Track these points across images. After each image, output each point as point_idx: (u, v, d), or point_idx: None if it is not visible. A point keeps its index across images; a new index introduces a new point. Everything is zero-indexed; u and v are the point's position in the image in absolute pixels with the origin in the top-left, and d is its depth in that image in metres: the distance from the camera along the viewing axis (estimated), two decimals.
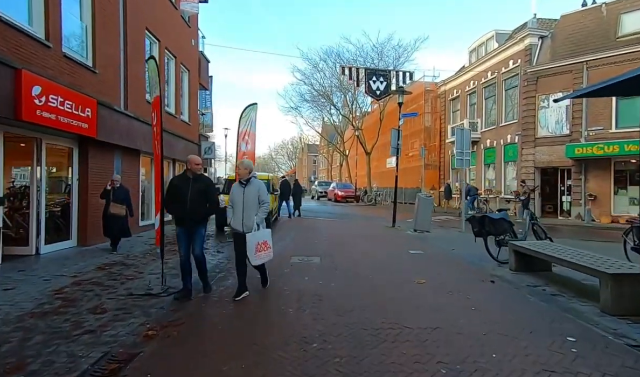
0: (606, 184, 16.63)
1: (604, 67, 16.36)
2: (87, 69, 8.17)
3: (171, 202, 5.04)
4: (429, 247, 9.01)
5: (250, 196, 4.82)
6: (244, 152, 10.93)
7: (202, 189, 4.88)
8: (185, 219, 4.85)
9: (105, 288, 5.29)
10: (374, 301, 4.75)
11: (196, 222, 4.88)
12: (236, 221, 4.87)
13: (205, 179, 5.14)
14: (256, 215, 4.79)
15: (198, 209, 4.85)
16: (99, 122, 8.13)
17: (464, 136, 12.15)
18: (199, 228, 4.94)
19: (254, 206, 4.81)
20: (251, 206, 4.80)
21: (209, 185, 5.03)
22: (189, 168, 4.94)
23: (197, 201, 4.83)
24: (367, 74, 18.05)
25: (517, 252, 6.36)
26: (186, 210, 4.79)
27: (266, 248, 4.92)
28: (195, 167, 4.92)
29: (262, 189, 4.88)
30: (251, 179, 4.91)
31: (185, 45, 14.76)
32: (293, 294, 5.10)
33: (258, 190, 4.86)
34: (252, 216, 4.76)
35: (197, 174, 4.95)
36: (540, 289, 5.35)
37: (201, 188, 4.87)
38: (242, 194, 4.85)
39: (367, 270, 6.55)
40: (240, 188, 4.90)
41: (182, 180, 4.93)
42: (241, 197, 4.84)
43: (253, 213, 4.79)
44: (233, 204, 4.92)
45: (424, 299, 4.86)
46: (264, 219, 5.00)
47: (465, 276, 6.22)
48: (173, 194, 4.95)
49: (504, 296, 5.01)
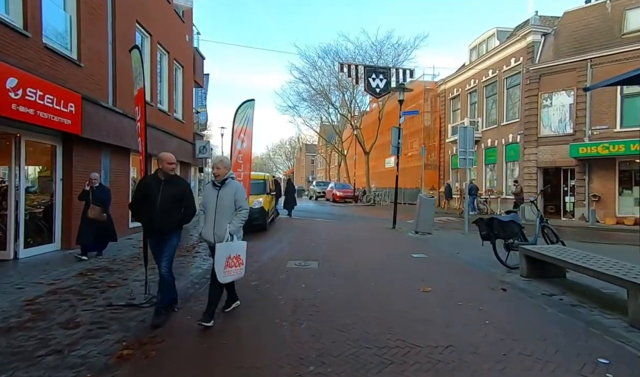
0: (611, 185, 16.25)
1: (609, 64, 15.98)
2: (71, 62, 7.71)
3: (138, 207, 4.30)
4: (432, 251, 8.60)
5: (225, 200, 4.05)
6: (240, 151, 10.48)
7: (176, 193, 4.18)
8: (154, 228, 4.16)
9: (83, 298, 4.84)
10: (377, 313, 4.31)
11: (166, 231, 4.17)
12: (207, 230, 4.10)
13: (180, 182, 4.40)
14: (230, 223, 4.02)
15: (169, 217, 4.13)
16: (83, 119, 7.67)
17: (466, 134, 11.73)
18: (169, 239, 4.19)
19: (228, 212, 4.05)
20: (225, 212, 4.04)
21: (184, 190, 4.30)
22: (160, 167, 4.22)
23: (168, 208, 4.12)
24: (366, 72, 17.67)
25: (529, 258, 5.94)
26: (154, 217, 4.10)
27: (238, 264, 4.06)
28: (167, 167, 4.19)
29: (239, 193, 4.11)
30: (227, 180, 4.12)
31: (178, 41, 14.29)
32: (288, 304, 4.67)
33: (235, 193, 4.08)
34: (225, 224, 4.01)
35: (170, 175, 4.23)
36: (557, 298, 4.93)
37: (174, 192, 4.17)
38: (215, 197, 4.09)
39: (368, 276, 6.12)
40: (213, 190, 4.13)
41: (153, 182, 4.22)
42: (214, 201, 4.08)
43: (227, 221, 4.03)
44: (205, 209, 4.16)
45: (431, 310, 4.43)
46: (241, 228, 4.17)
47: (474, 283, 5.79)
48: (141, 197, 4.22)
49: (519, 307, 4.58)
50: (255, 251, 8.67)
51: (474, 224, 7.39)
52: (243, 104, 10.47)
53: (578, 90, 16.84)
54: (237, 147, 10.47)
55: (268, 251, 8.56)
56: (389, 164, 33.50)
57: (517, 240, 6.74)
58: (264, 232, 11.54)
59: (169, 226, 4.16)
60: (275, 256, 7.94)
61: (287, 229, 12.83)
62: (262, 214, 11.68)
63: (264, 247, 9.12)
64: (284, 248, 8.92)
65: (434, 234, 11.31)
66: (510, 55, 20.01)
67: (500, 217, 6.81)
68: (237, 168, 10.30)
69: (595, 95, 16.40)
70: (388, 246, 9.48)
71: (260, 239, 10.33)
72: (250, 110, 10.66)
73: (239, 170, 10.31)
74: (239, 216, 4.08)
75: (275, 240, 10.23)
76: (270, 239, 10.37)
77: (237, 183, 4.22)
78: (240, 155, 10.43)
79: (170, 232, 4.21)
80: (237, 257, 4.05)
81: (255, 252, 8.41)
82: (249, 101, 10.71)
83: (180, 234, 4.38)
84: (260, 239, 10.33)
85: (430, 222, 11.58)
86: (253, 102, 10.81)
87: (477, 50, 24.05)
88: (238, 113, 10.29)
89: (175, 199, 4.19)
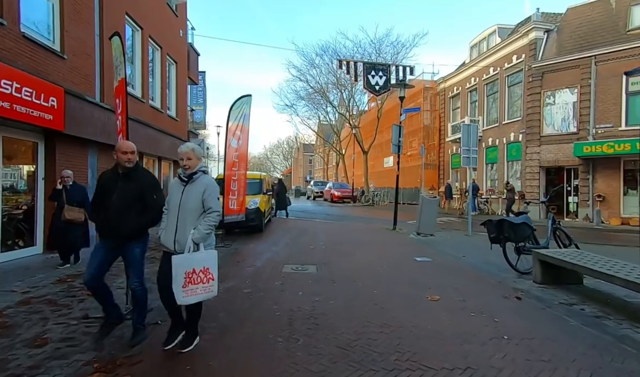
0: (615, 184, 15.89)
1: (614, 61, 15.65)
2: (53, 54, 7.24)
3: (96, 208, 3.58)
4: (436, 254, 8.18)
5: (191, 200, 3.24)
6: (235, 149, 10.04)
7: (135, 190, 3.43)
8: (110, 232, 3.43)
9: (58, 309, 4.38)
10: (382, 326, 3.88)
11: (126, 237, 3.41)
12: (166, 235, 3.29)
13: (142, 176, 3.58)
14: (195, 228, 3.18)
15: (126, 218, 3.37)
16: (67, 114, 7.20)
17: (470, 132, 11.33)
18: (131, 248, 3.46)
19: (194, 215, 3.24)
20: (190, 214, 3.23)
21: (146, 186, 3.51)
22: (115, 159, 3.47)
23: (125, 208, 3.37)
24: (365, 69, 17.18)
25: (544, 263, 5.52)
26: (109, 219, 3.39)
27: (206, 279, 3.19)
28: (121, 158, 3.39)
29: (210, 190, 3.28)
30: (197, 174, 3.31)
31: (172, 36, 13.82)
32: (284, 316, 4.22)
33: (204, 191, 3.25)
34: (189, 230, 3.19)
35: (128, 167, 3.44)
36: (578, 308, 4.51)
37: (134, 189, 3.42)
38: (180, 194, 3.28)
39: (370, 282, 5.68)
40: (179, 186, 3.32)
41: (110, 178, 3.53)
42: (178, 199, 3.27)
43: (191, 225, 3.20)
44: (167, 209, 3.38)
45: (442, 323, 4.00)
46: (211, 235, 3.35)
47: (485, 290, 5.37)
48: (99, 197, 3.53)
49: (538, 319, 4.15)
50: (250, 254, 8.24)
51: (481, 225, 6.98)
52: (239, 100, 10.02)
53: (582, 88, 16.49)
54: (232, 145, 10.01)
55: (263, 253, 8.12)
56: (388, 163, 33.11)
57: (529, 243, 6.33)
58: (260, 234, 11.10)
59: (128, 230, 3.40)
60: (271, 259, 7.50)
61: (284, 230, 12.39)
62: (259, 215, 11.25)
63: (260, 249, 8.68)
64: (281, 251, 8.48)
65: (437, 236, 10.89)
66: (512, 53, 19.63)
67: (511, 218, 6.40)
68: (233, 167, 9.85)
69: (599, 93, 16.05)
70: (389, 248, 9.05)
71: (256, 241, 9.89)
72: (247, 107, 10.20)
73: (234, 169, 9.88)
74: (206, 219, 3.23)
75: (272, 242, 9.79)
76: (267, 241, 9.93)
77: (208, 179, 3.40)
78: (235, 154, 9.97)
79: (131, 239, 3.45)
80: (205, 271, 3.18)
81: (250, 256, 7.98)
82: (245, 97, 10.24)
83: (146, 241, 3.65)
84: (255, 241, 9.89)
85: (432, 224, 11.16)
86: (250, 97, 10.35)
87: (478, 47, 23.66)
88: (233, 109, 9.83)
89: (135, 197, 3.43)
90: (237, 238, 10.20)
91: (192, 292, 3.14)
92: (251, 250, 8.75)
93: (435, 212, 11.44)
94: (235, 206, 9.71)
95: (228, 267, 6.85)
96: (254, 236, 10.74)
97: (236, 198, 9.68)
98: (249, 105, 10.19)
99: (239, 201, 9.80)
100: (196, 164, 3.32)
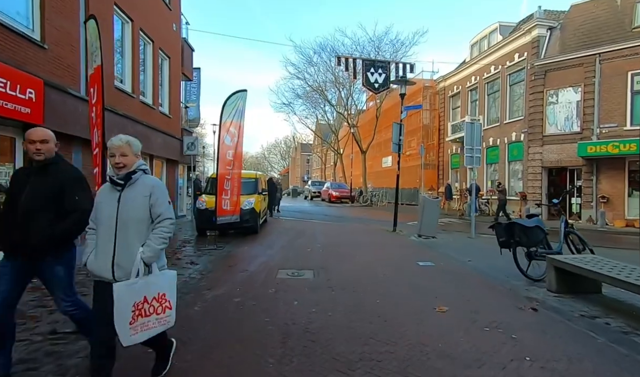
0: (620, 185, 15.53)
1: (619, 59, 15.30)
2: (31, 42, 6.74)
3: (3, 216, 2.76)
4: (439, 258, 7.75)
5: (133, 208, 2.44)
6: (229, 147, 9.58)
7: (52, 187, 2.65)
8: (14, 245, 2.62)
9: (23, 322, 3.91)
10: (387, 344, 3.44)
11: (37, 251, 2.62)
12: (100, 259, 2.43)
13: (63, 170, 2.78)
14: (145, 245, 2.41)
15: (36, 225, 2.57)
16: (47, 108, 6.71)
17: (474, 131, 10.92)
18: (49, 267, 2.70)
19: (138, 227, 2.44)
20: (134, 227, 2.42)
21: (67, 182, 2.71)
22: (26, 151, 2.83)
23: (35, 210, 2.60)
24: (364, 66, 16.78)
25: (559, 270, 5.10)
26: (12, 226, 2.60)
27: (161, 309, 2.50)
28: (30, 149, 2.67)
29: (158, 193, 2.50)
30: (137, 174, 2.51)
31: (165, 29, 13.33)
32: (277, 331, 3.78)
33: (150, 195, 2.47)
34: (135, 248, 2.39)
35: (39, 160, 2.68)
36: (602, 322, 4.09)
37: (50, 186, 2.65)
38: (115, 203, 2.43)
39: (372, 290, 5.25)
40: (111, 193, 2.48)
41: (21, 175, 2.81)
42: (113, 210, 2.42)
43: (138, 241, 2.42)
44: (96, 224, 2.50)
45: (454, 340, 3.56)
46: (163, 252, 2.57)
47: (496, 299, 4.95)
48: (9, 200, 2.76)
49: (561, 335, 3.72)
50: (243, 257, 7.80)
51: (489, 229, 6.56)
52: (233, 95, 9.54)
53: (585, 87, 16.12)
54: (225, 142, 9.54)
55: (258, 257, 7.67)
56: (386, 163, 32.72)
57: (541, 248, 5.91)
58: (254, 235, 10.65)
59: (39, 240, 2.56)
60: (265, 263, 7.06)
61: (280, 231, 11.95)
62: (254, 216, 10.79)
63: (254, 252, 8.23)
64: (275, 254, 8.03)
65: (438, 238, 10.47)
66: (514, 51, 19.26)
67: (522, 221, 5.97)
68: (227, 166, 9.40)
69: (603, 91, 15.69)
70: (390, 251, 8.62)
71: (250, 243, 9.44)
72: (242, 102, 9.73)
73: (228, 168, 9.42)
74: (158, 231, 2.45)
75: (267, 244, 9.34)
76: (262, 244, 9.48)
77: (153, 179, 2.60)
78: (229, 152, 9.51)
79: (45, 253, 2.63)
80: (160, 299, 2.48)
81: (243, 259, 7.53)
82: (240, 92, 9.77)
83: (71, 257, 2.82)
84: (250, 243, 9.44)
85: (434, 225, 10.75)
86: (245, 93, 9.88)
87: (479, 45, 23.29)
88: (227, 105, 9.37)
89: (50, 197, 2.61)
90: (230, 240, 9.75)
91: (143, 327, 2.42)
92: (245, 253, 8.30)
93: (437, 213, 11.02)
94: (228, 206, 9.26)
95: (219, 272, 6.42)
96: (248, 237, 10.29)
97: (229, 198, 9.23)
98: (244, 100, 9.73)
99: (233, 201, 9.35)
100: (133, 161, 2.52)
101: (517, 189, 19.23)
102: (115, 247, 2.39)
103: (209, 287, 5.37)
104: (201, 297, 4.94)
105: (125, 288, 2.33)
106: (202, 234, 10.44)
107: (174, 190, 14.53)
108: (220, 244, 8.83)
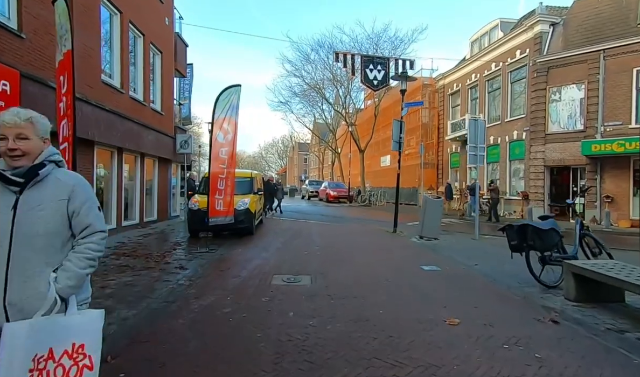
0: (624, 185, 15.16)
1: (623, 56, 14.92)
2: (8, 31, 6.28)
3: None
4: (444, 261, 7.33)
5: (40, 219, 1.60)
6: (222, 144, 9.11)
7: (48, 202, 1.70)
8: None
9: None
10: (395, 366, 3.01)
11: None
12: None
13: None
14: (60, 269, 1.61)
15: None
16: (23, 101, 6.22)
17: (477, 128, 10.51)
18: None
19: (48, 246, 1.62)
20: (40, 244, 1.60)
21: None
22: None
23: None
24: (363, 62, 16.37)
25: (578, 276, 4.69)
26: None
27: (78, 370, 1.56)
28: None
29: (82, 197, 1.70)
30: (46, 168, 1.66)
31: (156, 23, 12.84)
32: (269, 348, 3.34)
33: (68, 198, 1.66)
34: (42, 277, 1.58)
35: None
36: (634, 338, 3.66)
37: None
38: (9, 212, 1.57)
39: (374, 299, 4.82)
40: (7, 196, 1.60)
41: None
42: (7, 221, 1.57)
43: (45, 265, 1.60)
44: None
45: (470, 360, 3.13)
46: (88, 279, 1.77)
47: (511, 309, 4.53)
48: None
49: (589, 353, 3.30)
50: (236, 261, 7.35)
51: (499, 231, 6.15)
52: (226, 90, 9.07)
53: (589, 84, 15.75)
54: (218, 140, 9.07)
55: (252, 260, 7.23)
56: (385, 162, 32.33)
57: (555, 252, 5.50)
58: (249, 237, 10.21)
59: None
60: (260, 267, 6.62)
61: (276, 232, 11.51)
62: (249, 216, 10.36)
63: (248, 255, 7.79)
64: (271, 257, 7.60)
65: (441, 240, 10.06)
66: (516, 47, 18.87)
67: (536, 223, 5.55)
68: (220, 164, 8.95)
69: (608, 89, 15.32)
70: (392, 254, 8.20)
71: (245, 245, 8.99)
72: (236, 97, 9.25)
73: (221, 166, 8.96)
74: (83, 250, 1.67)
75: (262, 247, 8.90)
76: (256, 246, 9.04)
77: (72, 176, 1.78)
78: (223, 149, 9.04)
79: None
80: (77, 352, 1.58)
81: (236, 263, 7.09)
82: (233, 87, 9.30)
83: None
84: (244, 245, 8.99)
85: (436, 227, 10.33)
86: (239, 87, 9.41)
87: (479, 42, 22.90)
88: (220, 100, 8.89)
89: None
90: (224, 242, 9.30)
91: None
92: (238, 256, 7.87)
93: (439, 214, 10.61)
94: (221, 206, 8.79)
95: (209, 277, 5.98)
96: (243, 239, 9.85)
97: (223, 198, 8.77)
98: (239, 95, 9.27)
99: (226, 201, 8.89)
100: (39, 147, 1.67)
101: (518, 189, 18.86)
102: (7, 278, 1.55)
103: (197, 296, 4.93)
104: (187, 307, 4.50)
105: (21, 332, 1.48)
106: (195, 236, 9.99)
107: (167, 189, 14.06)
108: (213, 247, 8.38)
